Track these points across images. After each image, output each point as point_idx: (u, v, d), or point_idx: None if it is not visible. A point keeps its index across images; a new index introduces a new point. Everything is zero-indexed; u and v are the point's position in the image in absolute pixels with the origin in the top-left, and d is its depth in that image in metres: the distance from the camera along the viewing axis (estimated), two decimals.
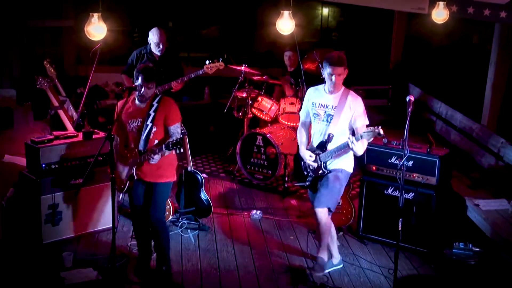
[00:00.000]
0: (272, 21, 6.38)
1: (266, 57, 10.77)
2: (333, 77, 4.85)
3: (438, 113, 8.49)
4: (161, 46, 6.56)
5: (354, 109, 4.88)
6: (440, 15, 6.42)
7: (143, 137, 4.84)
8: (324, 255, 5.27)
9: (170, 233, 5.89)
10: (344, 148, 4.82)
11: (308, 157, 5.02)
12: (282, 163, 7.11)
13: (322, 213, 5.00)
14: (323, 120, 4.97)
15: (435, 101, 8.72)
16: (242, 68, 7.71)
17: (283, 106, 7.64)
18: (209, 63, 6.64)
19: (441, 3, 6.33)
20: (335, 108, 4.91)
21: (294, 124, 7.43)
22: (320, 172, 5.00)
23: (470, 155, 7.11)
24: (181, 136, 4.78)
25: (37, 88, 6.43)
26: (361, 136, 4.63)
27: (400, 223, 4.63)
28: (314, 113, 5.04)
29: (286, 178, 7.08)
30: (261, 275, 5.25)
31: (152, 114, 4.85)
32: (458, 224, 5.80)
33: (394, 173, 5.58)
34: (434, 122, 8.46)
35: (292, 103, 7.61)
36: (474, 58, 9.83)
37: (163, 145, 4.61)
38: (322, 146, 4.97)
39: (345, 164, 5.03)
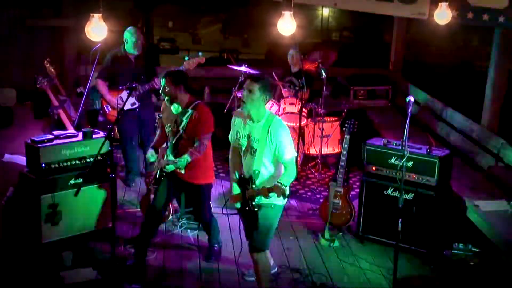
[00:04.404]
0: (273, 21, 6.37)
1: None
2: (244, 93, 4.37)
3: (438, 114, 8.50)
4: (139, 45, 6.58)
5: (276, 143, 4.32)
6: (442, 16, 6.32)
7: (173, 142, 4.93)
8: None
9: (170, 233, 5.93)
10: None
11: (233, 189, 4.52)
12: None
13: (259, 256, 4.56)
14: (247, 152, 4.45)
15: (435, 101, 8.72)
16: (242, 68, 7.71)
17: (283, 107, 7.65)
18: (189, 58, 6.61)
19: (444, 4, 6.23)
20: (258, 140, 4.37)
21: (294, 124, 7.44)
22: (247, 208, 4.41)
23: (470, 156, 7.11)
24: (191, 155, 4.84)
25: (37, 88, 6.43)
26: (272, 189, 4.18)
27: (399, 224, 4.64)
28: (238, 144, 4.53)
29: None
30: None
31: (184, 121, 4.91)
32: (457, 225, 5.80)
33: (394, 173, 5.58)
34: (434, 123, 8.46)
35: (292, 104, 7.61)
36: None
37: (177, 158, 4.78)
38: (250, 182, 4.37)
39: (277, 198, 4.38)
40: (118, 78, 6.55)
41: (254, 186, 4.35)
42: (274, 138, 4.33)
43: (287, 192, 4.09)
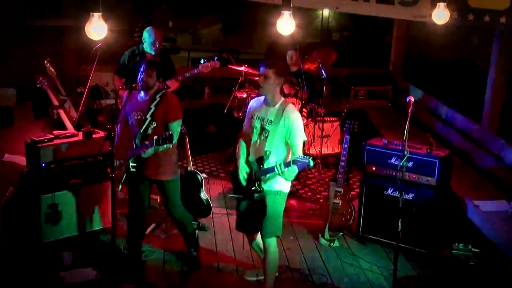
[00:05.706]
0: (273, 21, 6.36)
1: None
2: (261, 78, 4.58)
3: (438, 114, 8.50)
4: (157, 45, 6.56)
5: (289, 125, 4.51)
6: (440, 16, 6.34)
7: (141, 130, 4.86)
8: None
9: (170, 233, 5.92)
10: (273, 173, 4.43)
11: (244, 173, 4.64)
12: None
13: (272, 242, 4.69)
14: (260, 134, 4.60)
15: (435, 102, 8.72)
16: (242, 68, 7.71)
17: None
18: (204, 62, 6.61)
19: (442, 4, 6.26)
20: (271, 122, 4.55)
21: None
22: (253, 188, 4.57)
23: (470, 156, 7.11)
24: (171, 132, 4.66)
25: (37, 88, 6.43)
26: (293, 163, 4.26)
27: (399, 224, 4.64)
28: (252, 126, 4.67)
29: None
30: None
31: (153, 108, 4.87)
32: (457, 225, 5.80)
33: (394, 173, 5.58)
34: (434, 123, 8.46)
35: (292, 104, 7.59)
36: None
37: (154, 140, 4.57)
38: (259, 163, 4.56)
39: (282, 185, 4.61)
40: (134, 76, 6.55)
41: (262, 166, 4.50)
42: (287, 121, 4.51)
43: (311, 163, 4.19)
